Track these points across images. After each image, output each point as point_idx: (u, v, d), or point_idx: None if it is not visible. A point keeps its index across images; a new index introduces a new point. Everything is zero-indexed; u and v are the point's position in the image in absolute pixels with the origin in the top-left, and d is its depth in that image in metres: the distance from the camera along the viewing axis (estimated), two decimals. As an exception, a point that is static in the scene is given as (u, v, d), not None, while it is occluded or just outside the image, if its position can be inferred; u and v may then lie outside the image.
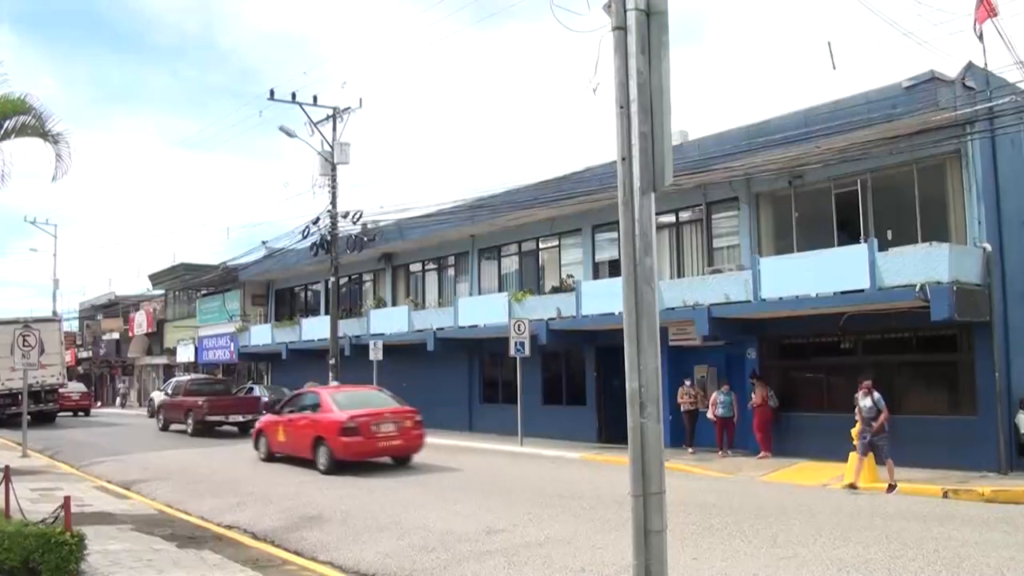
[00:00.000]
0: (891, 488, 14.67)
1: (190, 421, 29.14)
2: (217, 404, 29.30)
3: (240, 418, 28.94)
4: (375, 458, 18.52)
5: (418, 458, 18.94)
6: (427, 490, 15.18)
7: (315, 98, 30.12)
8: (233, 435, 25.77)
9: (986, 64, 16.99)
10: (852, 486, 14.99)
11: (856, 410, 15.50)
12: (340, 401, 19.08)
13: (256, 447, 20.93)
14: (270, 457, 20.32)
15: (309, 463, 18.43)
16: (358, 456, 17.99)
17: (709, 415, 20.47)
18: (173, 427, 30.76)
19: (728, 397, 20.27)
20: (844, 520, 11.72)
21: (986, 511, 12.77)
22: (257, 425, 21.73)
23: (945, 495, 14.27)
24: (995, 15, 16.59)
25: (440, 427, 28.54)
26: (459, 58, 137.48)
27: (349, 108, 30.25)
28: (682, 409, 21.06)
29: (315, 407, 19.40)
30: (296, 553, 10.26)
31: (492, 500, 13.77)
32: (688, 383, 21.32)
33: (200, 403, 29.09)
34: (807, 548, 9.79)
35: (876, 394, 15.25)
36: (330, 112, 30.20)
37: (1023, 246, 18.05)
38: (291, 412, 20.26)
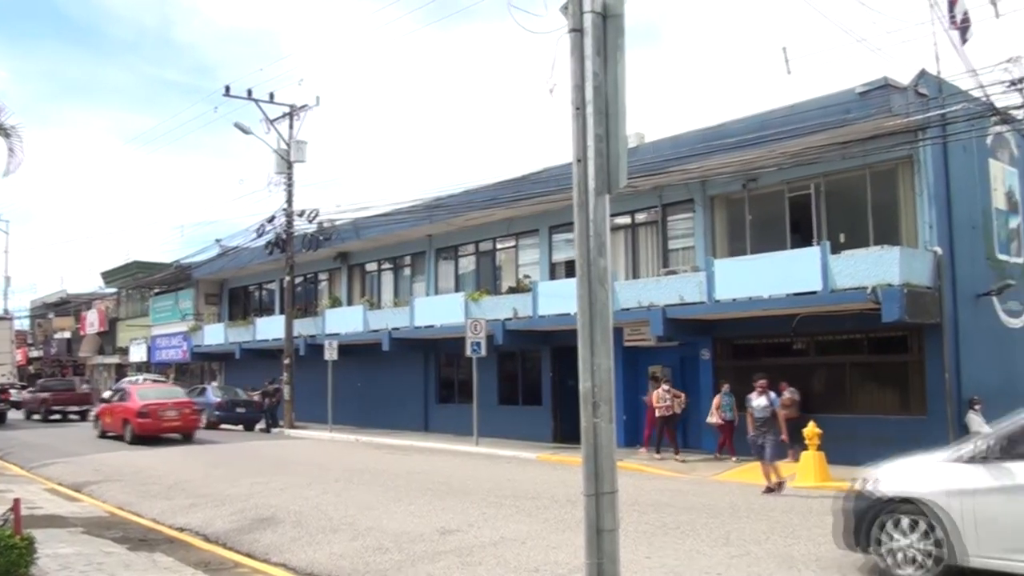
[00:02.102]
0: (770, 490, 14.27)
1: (41, 411, 38.06)
2: (59, 398, 38.73)
3: (76, 408, 38.29)
4: (163, 434, 25.52)
5: (373, 459, 18.91)
6: (382, 490, 15.13)
7: (271, 95, 29.93)
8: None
9: (939, 71, 17.28)
10: (770, 489, 14.35)
11: (747, 411, 15.06)
12: (141, 394, 26.71)
13: (95, 427, 28.69)
14: (103, 434, 27.46)
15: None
16: (150, 432, 25.09)
17: (712, 420, 19.38)
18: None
19: (731, 398, 19.28)
20: (796, 518, 11.88)
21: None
22: (94, 412, 30.81)
23: (895, 494, 14.45)
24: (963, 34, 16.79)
25: (395, 427, 28.54)
26: (419, 57, 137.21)
27: (306, 106, 30.11)
28: (657, 413, 19.97)
29: (126, 397, 26.87)
30: (249, 555, 10.17)
31: (447, 501, 13.76)
32: (666, 387, 20.16)
33: (46, 397, 38.30)
34: (759, 546, 9.91)
35: (772, 394, 14.96)
36: (287, 110, 30.02)
37: (974, 250, 18.40)
38: (115, 402, 27.86)
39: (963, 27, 16.64)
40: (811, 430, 15.81)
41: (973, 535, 7.62)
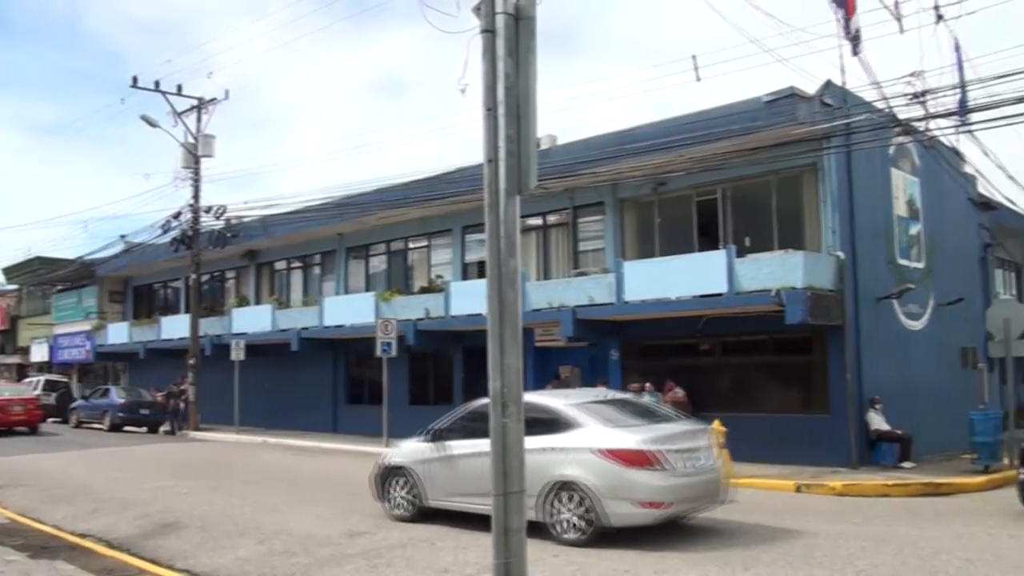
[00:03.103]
0: None
1: None
2: None
3: None
4: (11, 427, 28.50)
5: (281, 461, 18.65)
6: (290, 493, 14.92)
7: (180, 87, 29.27)
8: (81, 445, 24.73)
9: (844, 82, 17.81)
10: None
11: None
12: None
13: None
14: None
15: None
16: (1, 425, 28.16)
17: None
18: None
19: (654, 397, 18.77)
20: (698, 516, 12.07)
21: (837, 504, 13.45)
22: None
23: (799, 490, 14.89)
24: (853, 12, 17.25)
25: (304, 428, 28.16)
26: (334, 54, 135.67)
27: (215, 99, 29.54)
28: None
29: None
30: (153, 562, 9.91)
31: (356, 503, 13.63)
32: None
33: None
34: (667, 543, 10.02)
35: (646, 395, 14.59)
36: (195, 103, 29.37)
37: (875, 255, 19.03)
38: None
39: (855, 39, 17.17)
40: (716, 428, 16.11)
41: (430, 487, 11.77)
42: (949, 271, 22.32)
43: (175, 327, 33.91)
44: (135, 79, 28.34)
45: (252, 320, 30.50)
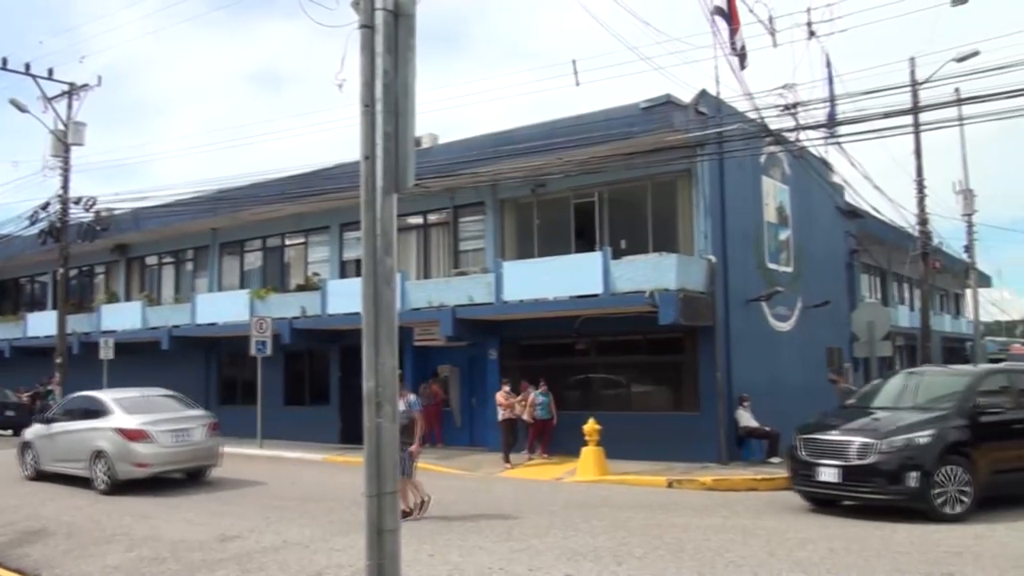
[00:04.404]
0: (407, 514, 11.36)
1: None
2: None
3: None
4: None
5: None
6: (159, 498, 14.46)
7: (51, 71, 27.97)
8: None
9: (718, 92, 18.32)
10: (406, 513, 11.31)
11: None
12: None
13: None
14: None
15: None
16: None
17: (526, 416, 18.80)
18: None
19: (547, 398, 18.94)
20: (575, 511, 12.27)
21: (708, 499, 13.84)
22: None
23: (670, 485, 15.24)
24: (738, 27, 17.76)
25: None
26: (212, 43, 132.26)
27: (87, 85, 28.29)
28: (499, 417, 18.90)
29: None
30: (18, 571, 9.45)
31: (227, 506, 13.33)
32: (507, 388, 19.12)
33: None
34: (540, 540, 10.15)
35: (412, 396, 12.77)
36: (66, 88, 28.14)
37: (745, 259, 19.65)
38: None
39: (741, 55, 17.69)
40: (591, 426, 16.39)
41: (43, 455, 16.53)
42: (816, 275, 23.26)
43: (41, 324, 32.37)
44: (4, 60, 26.93)
45: (122, 317, 29.40)
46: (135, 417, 15.21)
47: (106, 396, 16.45)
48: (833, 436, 12.05)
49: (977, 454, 11.49)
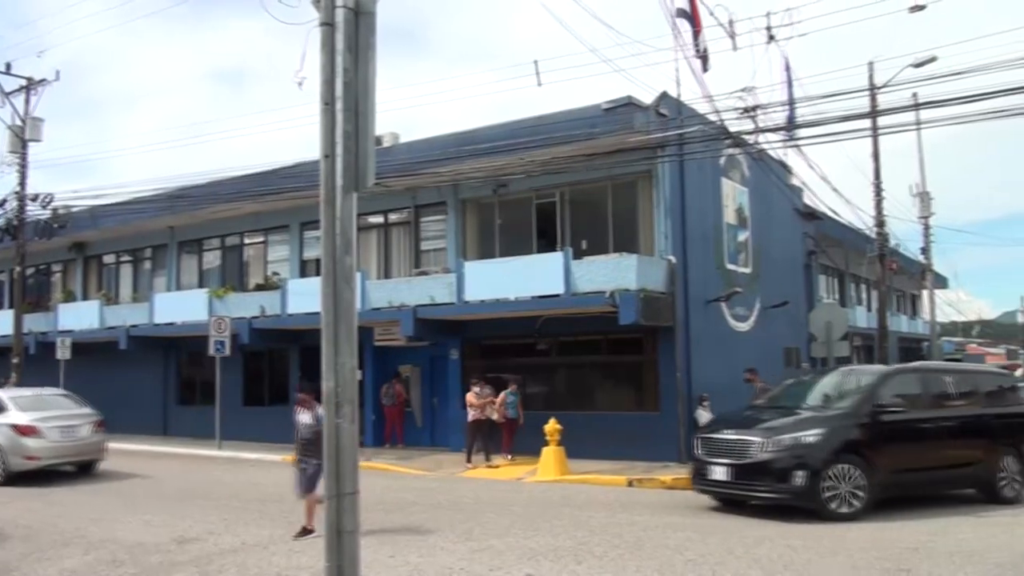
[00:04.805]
0: (306, 532, 10.53)
1: None
2: None
3: None
4: None
5: (108, 465, 17.90)
6: (117, 500, 14.28)
7: (8, 65, 27.50)
8: None
9: (679, 95, 18.44)
10: (305, 530, 10.57)
11: (295, 431, 11.19)
12: None
13: None
14: None
15: None
16: None
17: (496, 416, 18.46)
18: None
19: (516, 397, 18.70)
20: (536, 511, 12.29)
21: (667, 497, 13.95)
22: None
23: (631, 484, 15.33)
24: (699, 29, 17.85)
25: (132, 431, 26.94)
26: (174, 39, 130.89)
27: (45, 80, 27.84)
28: (469, 417, 18.48)
29: None
30: (-31, 576, 9.30)
31: (186, 508, 13.19)
32: (477, 387, 18.67)
33: None
34: (500, 540, 10.15)
35: (320, 408, 9.54)
36: (24, 83, 27.67)
37: (705, 259, 19.80)
38: None
39: (703, 58, 17.81)
40: (552, 426, 16.42)
41: None
42: (775, 276, 23.50)
43: (-3, 323, 31.82)
44: (-40, 56, 26.49)
45: (79, 317, 28.96)
46: (27, 414, 16.64)
47: (3, 395, 17.79)
48: (727, 435, 12.24)
49: (876, 454, 11.64)
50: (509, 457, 18.67)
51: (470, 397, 18.62)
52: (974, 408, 13.16)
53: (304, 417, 10.93)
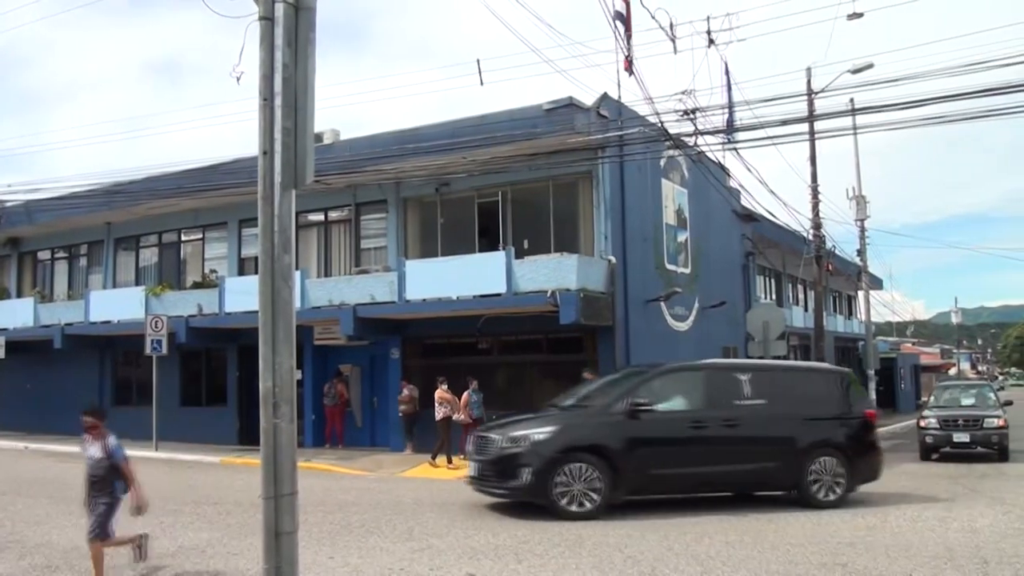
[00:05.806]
0: (139, 549, 9.18)
1: None
2: None
3: None
4: None
5: (43, 468, 17.55)
6: (53, 503, 13.97)
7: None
8: None
9: (620, 96, 18.56)
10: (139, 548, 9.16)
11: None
12: None
13: None
14: None
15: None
16: None
17: (462, 417, 18.23)
18: None
19: (479, 396, 18.57)
20: (476, 510, 12.28)
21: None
22: None
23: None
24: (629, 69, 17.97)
25: (69, 433, 26.24)
26: (111, 31, 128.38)
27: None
28: (437, 417, 18.36)
29: None
30: None
31: (123, 511, 12.93)
32: (444, 385, 18.57)
33: None
34: (441, 539, 10.12)
35: (112, 439, 8.76)
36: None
37: (645, 260, 19.97)
38: None
39: (629, 62, 17.94)
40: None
41: None
42: (714, 276, 23.79)
43: (-73, 321, 30.95)
44: None
45: (12, 314, 28.24)
46: None
47: None
48: (489, 433, 12.42)
49: (623, 453, 11.65)
50: (463, 456, 18.42)
51: (440, 394, 18.47)
52: (776, 408, 12.54)
53: (93, 450, 8.82)
